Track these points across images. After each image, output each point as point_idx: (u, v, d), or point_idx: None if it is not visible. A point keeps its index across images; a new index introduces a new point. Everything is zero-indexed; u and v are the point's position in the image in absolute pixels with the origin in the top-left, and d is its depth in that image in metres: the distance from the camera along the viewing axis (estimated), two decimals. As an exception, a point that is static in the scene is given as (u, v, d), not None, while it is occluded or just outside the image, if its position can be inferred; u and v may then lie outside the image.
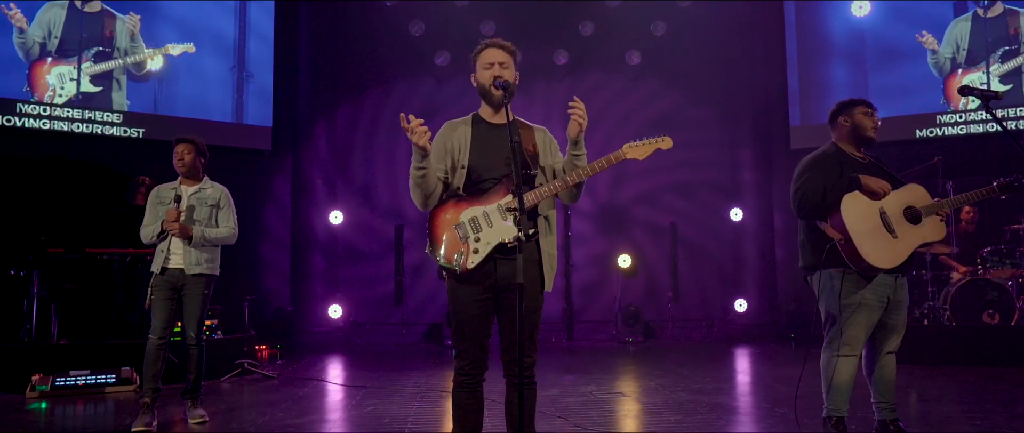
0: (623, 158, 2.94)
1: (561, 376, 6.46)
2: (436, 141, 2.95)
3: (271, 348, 8.25)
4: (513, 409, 2.85)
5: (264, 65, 9.47)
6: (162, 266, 4.34)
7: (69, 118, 8.16)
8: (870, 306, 3.44)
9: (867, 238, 3.42)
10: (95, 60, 8.41)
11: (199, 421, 4.42)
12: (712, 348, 8.72)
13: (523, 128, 2.99)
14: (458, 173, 2.90)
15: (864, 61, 9.75)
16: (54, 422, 4.78)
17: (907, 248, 3.44)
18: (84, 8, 8.42)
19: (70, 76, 8.29)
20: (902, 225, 3.46)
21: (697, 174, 10.04)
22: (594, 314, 10.05)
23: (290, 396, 5.55)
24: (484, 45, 2.96)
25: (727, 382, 6.04)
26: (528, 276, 2.82)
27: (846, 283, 3.49)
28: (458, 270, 2.77)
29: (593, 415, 4.70)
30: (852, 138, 3.60)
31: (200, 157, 4.60)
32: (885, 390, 3.60)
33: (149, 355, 4.29)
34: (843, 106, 3.64)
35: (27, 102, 7.97)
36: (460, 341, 2.84)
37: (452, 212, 2.84)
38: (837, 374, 3.50)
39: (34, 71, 8.15)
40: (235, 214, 4.68)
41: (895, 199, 3.48)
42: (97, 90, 8.41)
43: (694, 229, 10.02)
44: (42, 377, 5.60)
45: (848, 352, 3.47)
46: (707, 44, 10.14)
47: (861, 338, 3.48)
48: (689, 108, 10.26)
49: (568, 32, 10.08)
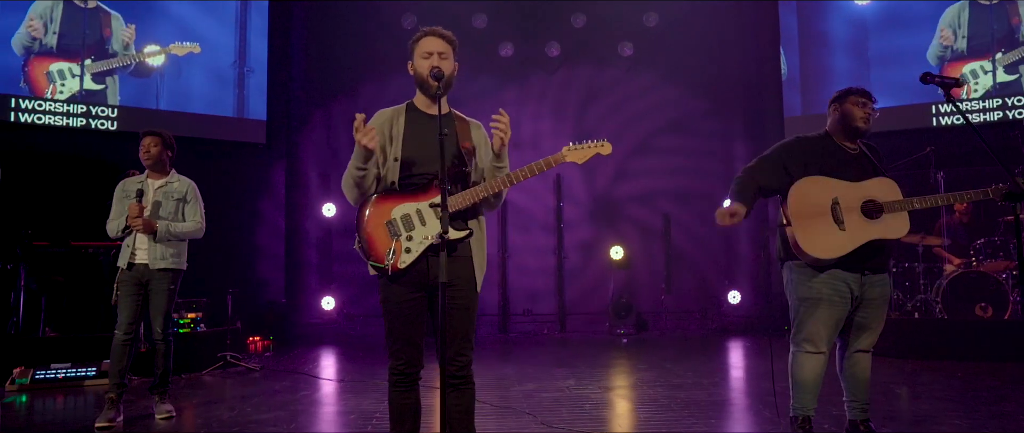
0: (562, 161, 2.88)
1: (547, 370, 6.44)
2: None
3: (264, 340, 8.29)
4: (450, 411, 2.81)
5: (263, 60, 9.48)
6: (128, 261, 4.36)
7: (66, 113, 8.21)
8: (830, 301, 3.35)
9: (807, 225, 3.35)
10: (96, 57, 8.45)
11: (165, 416, 4.44)
12: (704, 340, 8.66)
13: (459, 122, 2.92)
14: (391, 166, 2.81)
15: (866, 50, 9.60)
16: (25, 415, 4.82)
17: (852, 242, 3.32)
18: (85, 5, 8.44)
19: (73, 72, 8.34)
20: (854, 217, 3.35)
21: (691, 165, 9.95)
22: (587, 306, 10.01)
23: (266, 390, 5.57)
24: (423, 33, 2.87)
25: (710, 376, 5.99)
26: (461, 274, 2.79)
27: (799, 275, 3.44)
28: (388, 270, 2.72)
29: (562, 412, 4.68)
30: (841, 128, 3.50)
31: (167, 150, 4.59)
32: (856, 389, 3.53)
33: (115, 351, 4.31)
34: (837, 95, 3.56)
35: (23, 97, 8.03)
36: (392, 341, 2.80)
37: (384, 207, 2.76)
38: (800, 371, 3.45)
39: (31, 67, 8.19)
40: (202, 208, 4.67)
41: (856, 190, 3.38)
42: (99, 87, 8.46)
43: (688, 220, 9.94)
44: (23, 370, 5.66)
45: (810, 349, 3.41)
46: (700, 35, 10.03)
47: (822, 334, 3.39)
48: (682, 99, 10.16)
49: (560, 24, 10.01)
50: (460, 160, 2.83)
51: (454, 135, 2.86)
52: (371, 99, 9.58)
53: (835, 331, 3.43)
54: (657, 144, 10.14)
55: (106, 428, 4.15)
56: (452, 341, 2.79)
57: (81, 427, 4.31)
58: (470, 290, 2.82)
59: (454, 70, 2.89)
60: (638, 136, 10.13)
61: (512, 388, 5.54)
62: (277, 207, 9.79)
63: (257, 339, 8.14)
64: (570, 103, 10.22)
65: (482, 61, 10.04)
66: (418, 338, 2.81)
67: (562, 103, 10.24)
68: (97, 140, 8.29)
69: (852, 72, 9.49)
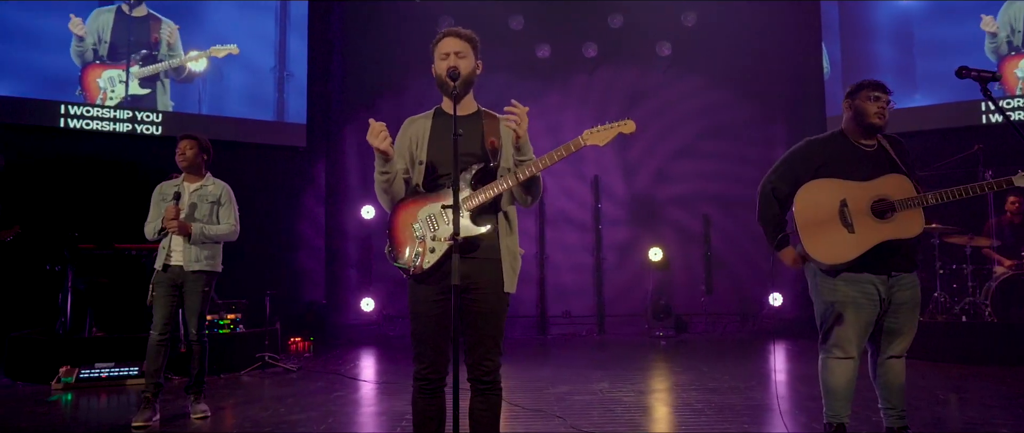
0: (583, 145, 2.75)
1: (582, 372, 6.40)
2: (397, 139, 2.88)
3: (305, 340, 8.39)
4: (475, 415, 2.79)
5: (304, 64, 9.62)
6: (164, 263, 4.45)
7: (114, 119, 8.43)
8: (857, 304, 3.23)
9: (814, 230, 3.25)
10: (143, 63, 8.67)
11: (200, 416, 4.52)
12: (744, 343, 8.50)
13: (488, 119, 2.89)
14: (417, 169, 2.81)
15: (912, 46, 9.31)
16: (69, 413, 4.96)
17: (862, 245, 3.20)
18: (131, 13, 8.68)
19: (120, 79, 8.57)
20: (864, 219, 3.22)
21: (730, 165, 9.77)
22: (625, 307, 9.91)
23: (302, 390, 5.64)
24: (442, 34, 2.84)
25: (747, 380, 5.86)
26: (486, 276, 2.75)
27: (823, 279, 3.33)
28: (413, 270, 2.70)
29: (594, 415, 4.63)
30: (856, 125, 3.36)
31: (203, 154, 4.68)
32: (891, 396, 3.38)
33: (150, 351, 4.40)
34: (850, 90, 3.41)
35: (77, 104, 8.27)
36: (417, 344, 2.76)
37: (410, 210, 2.76)
38: (830, 377, 3.34)
39: (86, 75, 8.45)
40: (236, 211, 4.74)
41: (866, 189, 3.25)
42: (145, 92, 8.68)
43: (728, 221, 9.77)
44: (69, 369, 5.82)
45: (839, 354, 3.30)
46: (740, 33, 9.85)
47: (851, 339, 3.27)
48: (723, 99, 9.99)
49: (597, 24, 9.93)
50: (486, 157, 2.79)
51: (480, 133, 2.83)
52: (409, 101, 9.64)
53: (865, 335, 3.31)
54: (699, 147, 9.99)
55: (142, 427, 4.24)
56: (477, 346, 2.76)
57: (120, 425, 4.41)
58: (495, 293, 2.77)
59: (474, 69, 2.86)
60: (680, 138, 9.98)
61: (546, 391, 5.51)
62: (317, 209, 9.91)
63: (298, 340, 8.24)
64: (610, 104, 10.12)
65: (519, 63, 10.02)
66: (444, 343, 2.76)
67: (601, 104, 10.14)
68: (142, 145, 8.50)
69: (897, 68, 9.21)
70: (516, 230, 2.90)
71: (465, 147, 2.75)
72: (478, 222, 2.73)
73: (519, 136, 2.69)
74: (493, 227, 2.77)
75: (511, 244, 2.84)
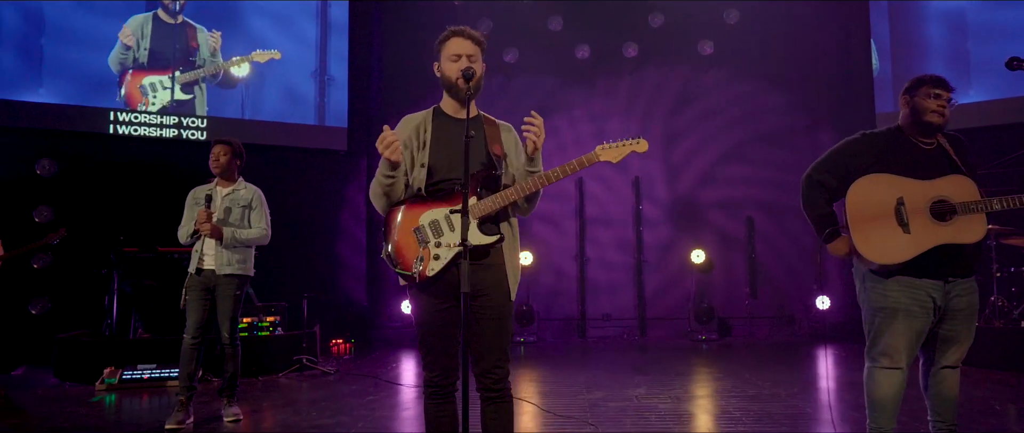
0: (595, 161, 2.74)
1: (619, 377, 6.28)
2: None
3: (346, 342, 8.45)
4: (487, 425, 2.73)
5: (344, 67, 9.70)
6: (197, 266, 4.49)
7: (159, 124, 8.62)
8: (908, 312, 3.04)
9: (867, 227, 3.07)
10: (184, 69, 8.85)
11: (233, 419, 4.56)
12: (790, 348, 8.26)
13: (489, 125, 2.83)
14: (417, 171, 2.75)
15: (966, 40, 8.92)
16: (110, 414, 5.06)
17: (916, 246, 3.01)
18: (173, 20, 8.86)
19: (163, 84, 8.76)
20: (921, 219, 3.03)
21: (775, 165, 9.52)
22: (668, 310, 9.74)
23: (336, 394, 5.65)
24: (450, 33, 2.79)
25: (791, 387, 5.67)
26: (492, 282, 2.70)
27: (873, 282, 3.14)
28: (416, 278, 2.65)
29: (626, 423, 4.53)
30: (913, 122, 3.18)
31: (236, 159, 4.72)
32: (942, 408, 3.18)
33: (184, 354, 4.45)
34: (908, 85, 3.23)
35: (121, 110, 8.48)
36: (426, 352, 2.73)
37: (411, 214, 2.69)
38: (876, 388, 3.15)
39: (127, 81, 8.65)
40: (268, 215, 4.77)
41: (925, 189, 3.06)
42: (188, 97, 8.85)
43: (773, 222, 9.52)
44: (112, 370, 5.95)
45: (887, 364, 3.10)
46: (784, 30, 9.59)
47: (901, 348, 3.07)
48: (766, 98, 9.74)
49: (637, 24, 9.79)
50: (489, 164, 2.74)
51: (483, 139, 2.78)
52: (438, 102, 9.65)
53: (916, 345, 3.11)
54: (740, 144, 9.76)
55: (175, 429, 4.30)
56: (486, 353, 2.70)
57: (155, 427, 4.47)
58: (502, 299, 2.72)
59: (483, 72, 2.81)
60: (726, 142, 9.75)
61: (579, 396, 5.42)
62: (358, 212, 9.98)
63: (340, 342, 8.31)
64: (654, 105, 9.96)
65: (558, 64, 9.95)
66: (452, 349, 2.73)
67: (644, 105, 9.99)
68: (186, 149, 8.67)
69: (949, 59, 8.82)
70: (518, 238, 2.87)
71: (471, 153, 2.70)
72: (486, 231, 2.68)
73: (536, 148, 2.65)
74: (501, 237, 2.73)
75: (514, 252, 2.80)
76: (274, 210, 4.88)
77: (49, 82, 8.15)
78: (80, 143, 8.23)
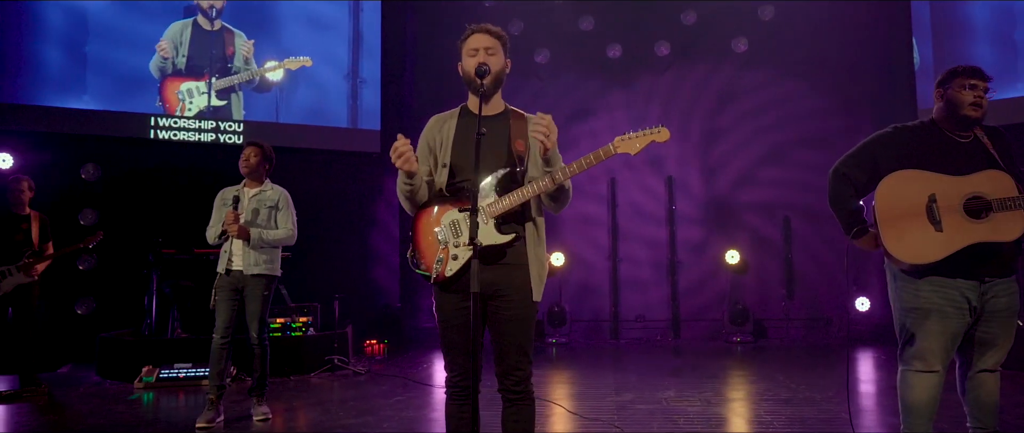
0: (613, 153, 2.63)
1: (650, 379, 6.23)
2: (421, 139, 2.85)
3: (379, 343, 8.53)
4: (508, 426, 2.73)
5: (377, 70, 9.79)
6: (225, 267, 4.57)
7: (198, 129, 8.81)
8: (942, 313, 2.92)
9: (896, 225, 2.95)
10: (219, 75, 9.04)
11: (262, 418, 4.63)
12: (828, 350, 8.09)
13: (516, 120, 2.79)
14: (440, 171, 2.74)
15: (1014, 28, 8.61)
16: (144, 412, 5.18)
17: (949, 245, 2.88)
18: (211, 27, 9.05)
19: (200, 90, 8.95)
20: (954, 217, 2.90)
21: (813, 164, 9.30)
22: (702, 312, 9.61)
23: (365, 394, 5.71)
24: (470, 30, 2.77)
25: (825, 391, 5.54)
26: (514, 283, 2.68)
27: (904, 282, 3.02)
28: (436, 277, 2.65)
29: (653, 425, 4.49)
30: (948, 115, 3.05)
31: (265, 162, 4.80)
32: (981, 414, 3.05)
33: (213, 354, 4.53)
34: (942, 77, 3.10)
35: (161, 116, 8.69)
36: (447, 352, 2.74)
37: (433, 215, 2.70)
38: (910, 392, 3.03)
39: (165, 87, 8.87)
40: (294, 215, 4.83)
41: (959, 185, 2.93)
42: (223, 103, 9.03)
43: (810, 222, 9.30)
44: (150, 369, 6.10)
45: (921, 367, 2.99)
46: (820, 26, 9.37)
47: (936, 351, 2.95)
48: (803, 95, 9.54)
49: (669, 22, 9.68)
50: (511, 161, 2.69)
51: (507, 135, 2.75)
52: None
53: (951, 347, 2.98)
54: (777, 144, 9.58)
55: (205, 428, 4.38)
56: (506, 355, 2.70)
57: (186, 426, 4.56)
58: (524, 300, 2.69)
59: (504, 67, 2.79)
60: (767, 143, 9.54)
61: (607, 398, 5.38)
62: (392, 214, 10.06)
63: (373, 342, 8.39)
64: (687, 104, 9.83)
65: (589, 64, 9.90)
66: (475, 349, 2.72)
67: (677, 104, 9.87)
68: (223, 153, 8.83)
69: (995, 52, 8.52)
70: (544, 237, 2.81)
71: (489, 150, 2.68)
72: (503, 230, 2.65)
73: (547, 149, 2.58)
74: (520, 234, 2.69)
75: (539, 252, 2.76)
76: (308, 213, 4.95)
77: (92, 89, 8.38)
78: (122, 148, 8.45)
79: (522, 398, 2.71)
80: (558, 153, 2.69)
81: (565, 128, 9.13)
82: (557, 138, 2.62)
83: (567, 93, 9.86)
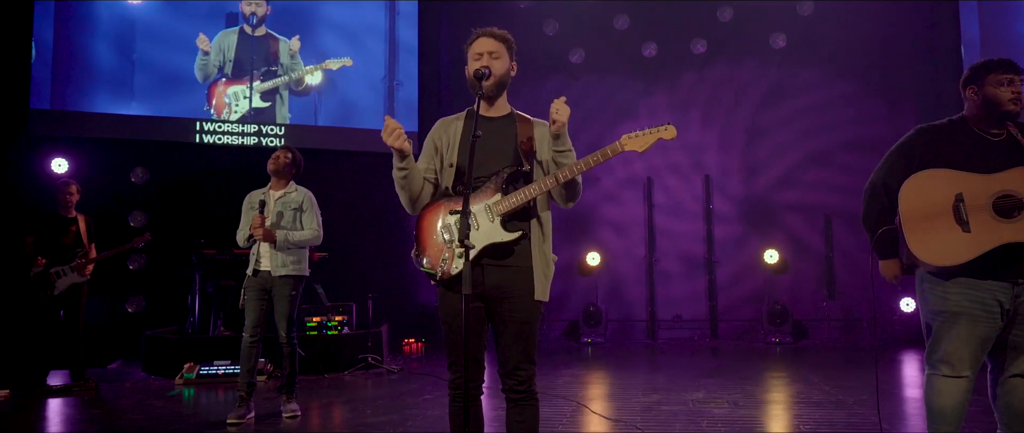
0: (620, 151, 2.66)
1: (680, 380, 6.19)
2: (427, 139, 2.89)
3: (417, 341, 8.66)
4: (511, 428, 2.75)
5: (413, 73, 9.93)
6: (254, 268, 4.72)
7: (242, 133, 9.07)
8: (971, 316, 2.82)
9: (921, 226, 2.85)
10: (263, 78, 9.28)
11: (291, 415, 4.76)
12: (870, 352, 7.89)
13: (521, 122, 2.82)
14: (447, 172, 2.78)
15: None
16: (183, 407, 5.36)
17: (977, 247, 2.77)
18: (253, 33, 9.31)
19: (243, 94, 9.21)
20: (982, 216, 2.79)
21: (854, 162, 9.11)
22: (740, 312, 9.49)
23: (394, 392, 5.81)
24: (476, 35, 2.80)
25: (859, 394, 5.42)
26: (517, 284, 2.70)
27: (932, 283, 2.93)
28: (440, 276, 2.70)
29: (676, 426, 4.47)
30: (984, 113, 2.92)
31: (293, 167, 4.93)
32: (1013, 421, 2.94)
33: (243, 352, 4.68)
34: (972, 73, 2.97)
35: (206, 120, 8.97)
36: (451, 352, 2.77)
37: (438, 214, 2.74)
38: (936, 397, 2.95)
39: (212, 91, 9.15)
40: (319, 216, 4.95)
41: (988, 183, 2.81)
42: (266, 105, 9.28)
43: (851, 221, 9.09)
44: (191, 365, 6.31)
45: (948, 371, 2.90)
46: (862, 20, 9.16)
47: (964, 355, 2.86)
48: (844, 91, 9.34)
49: (705, 19, 9.58)
50: (517, 160, 2.74)
51: (512, 136, 2.79)
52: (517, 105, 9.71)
53: (981, 352, 2.88)
54: (816, 139, 9.40)
55: (236, 424, 4.52)
56: (509, 355, 2.72)
57: (219, 421, 4.72)
58: (527, 302, 2.71)
59: (509, 70, 2.81)
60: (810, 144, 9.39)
61: (634, 399, 5.37)
62: (430, 214, 10.17)
63: (411, 341, 8.52)
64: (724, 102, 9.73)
65: (625, 63, 9.86)
66: (477, 350, 2.75)
67: (714, 102, 9.77)
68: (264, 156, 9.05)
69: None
70: (550, 236, 2.82)
71: (495, 150, 2.73)
72: (508, 228, 2.68)
73: (560, 124, 2.61)
74: (524, 233, 2.71)
75: (545, 251, 2.77)
76: (347, 214, 5.06)
77: (140, 94, 8.70)
78: (169, 152, 8.74)
79: (526, 399, 2.73)
80: (567, 137, 2.70)
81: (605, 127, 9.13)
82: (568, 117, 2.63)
83: (601, 92, 9.84)
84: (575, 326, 9.40)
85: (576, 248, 9.61)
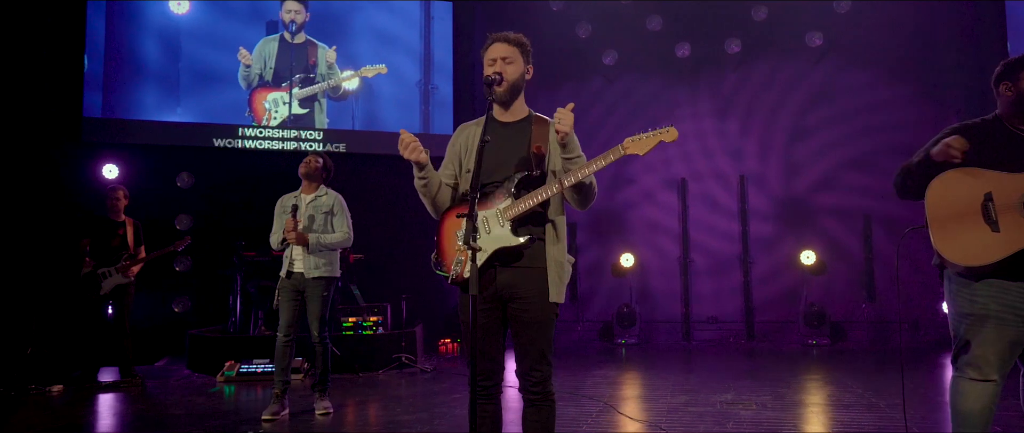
0: (623, 154, 2.67)
1: (710, 382, 6.18)
2: (449, 146, 2.96)
3: (454, 341, 8.78)
4: (528, 427, 2.81)
5: (448, 77, 10.07)
6: (287, 270, 4.88)
7: (282, 138, 9.32)
8: (1000, 319, 2.77)
9: (949, 226, 2.81)
10: (302, 85, 9.52)
11: (323, 412, 4.91)
12: (910, 354, 7.75)
13: (538, 125, 2.85)
14: (465, 177, 2.85)
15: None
16: (224, 403, 5.57)
17: (1006, 246, 2.71)
18: (292, 40, 9.56)
19: (283, 100, 9.46)
20: (1012, 216, 2.73)
21: (894, 161, 8.91)
22: (776, 313, 9.39)
23: (426, 391, 5.93)
24: (491, 40, 2.84)
25: (892, 398, 5.34)
26: (531, 287, 2.76)
27: (960, 285, 2.89)
28: (455, 278, 2.78)
29: (699, 428, 4.48)
30: (1017, 110, 2.88)
31: (324, 171, 5.09)
32: None
33: (277, 351, 4.85)
34: (1005, 69, 2.94)
35: (247, 126, 9.25)
36: (469, 353, 2.86)
37: (455, 218, 2.82)
38: (962, 401, 2.88)
39: (253, 98, 9.42)
40: (349, 219, 5.09)
41: (1017, 182, 2.75)
42: (304, 112, 9.52)
43: (891, 222, 8.93)
44: (232, 364, 6.53)
45: (975, 375, 2.84)
46: (900, 16, 8.98)
47: (991, 359, 2.80)
48: (883, 90, 9.18)
49: (739, 19, 9.49)
50: (530, 164, 2.78)
51: (527, 139, 2.82)
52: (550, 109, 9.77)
53: (1010, 356, 2.82)
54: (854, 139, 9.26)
55: (270, 420, 4.69)
56: (525, 357, 2.78)
57: (254, 418, 4.89)
58: (541, 304, 2.76)
59: (523, 74, 2.85)
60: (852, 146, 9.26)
61: (660, 400, 5.40)
62: (464, 216, 10.30)
63: (448, 341, 8.65)
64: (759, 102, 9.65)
65: (658, 64, 9.84)
66: (494, 351, 2.81)
67: (748, 102, 9.70)
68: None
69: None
70: (564, 238, 2.85)
71: (508, 155, 2.78)
72: (519, 232, 2.74)
73: (563, 133, 2.64)
74: (537, 236, 2.76)
75: (557, 253, 2.81)
76: (382, 216, 5.19)
77: (185, 103, 9.00)
78: (213, 157, 9.03)
79: (542, 399, 2.78)
80: (576, 139, 2.74)
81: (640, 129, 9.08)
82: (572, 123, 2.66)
83: (635, 93, 9.84)
84: (609, 327, 9.41)
85: (610, 249, 9.63)
